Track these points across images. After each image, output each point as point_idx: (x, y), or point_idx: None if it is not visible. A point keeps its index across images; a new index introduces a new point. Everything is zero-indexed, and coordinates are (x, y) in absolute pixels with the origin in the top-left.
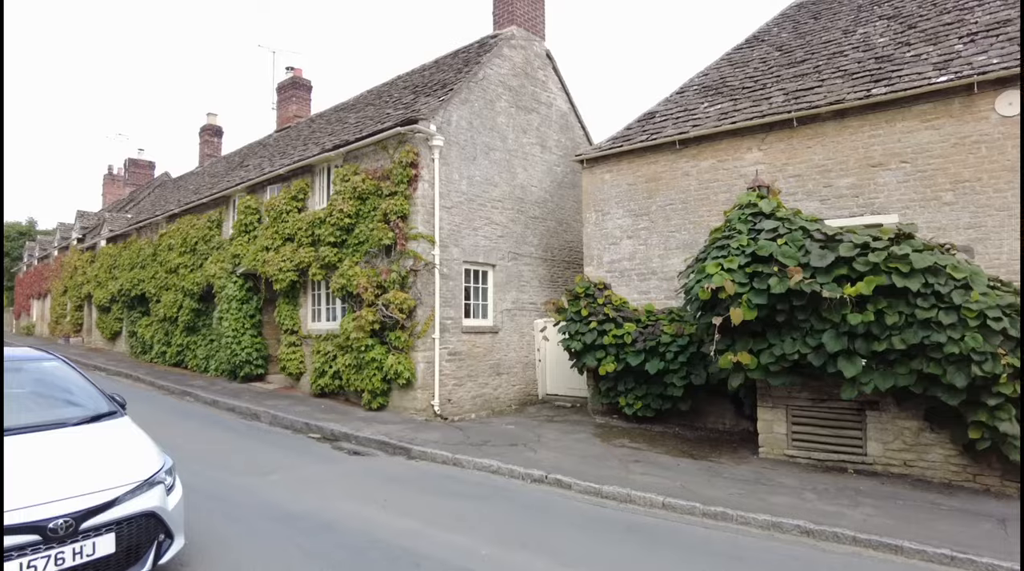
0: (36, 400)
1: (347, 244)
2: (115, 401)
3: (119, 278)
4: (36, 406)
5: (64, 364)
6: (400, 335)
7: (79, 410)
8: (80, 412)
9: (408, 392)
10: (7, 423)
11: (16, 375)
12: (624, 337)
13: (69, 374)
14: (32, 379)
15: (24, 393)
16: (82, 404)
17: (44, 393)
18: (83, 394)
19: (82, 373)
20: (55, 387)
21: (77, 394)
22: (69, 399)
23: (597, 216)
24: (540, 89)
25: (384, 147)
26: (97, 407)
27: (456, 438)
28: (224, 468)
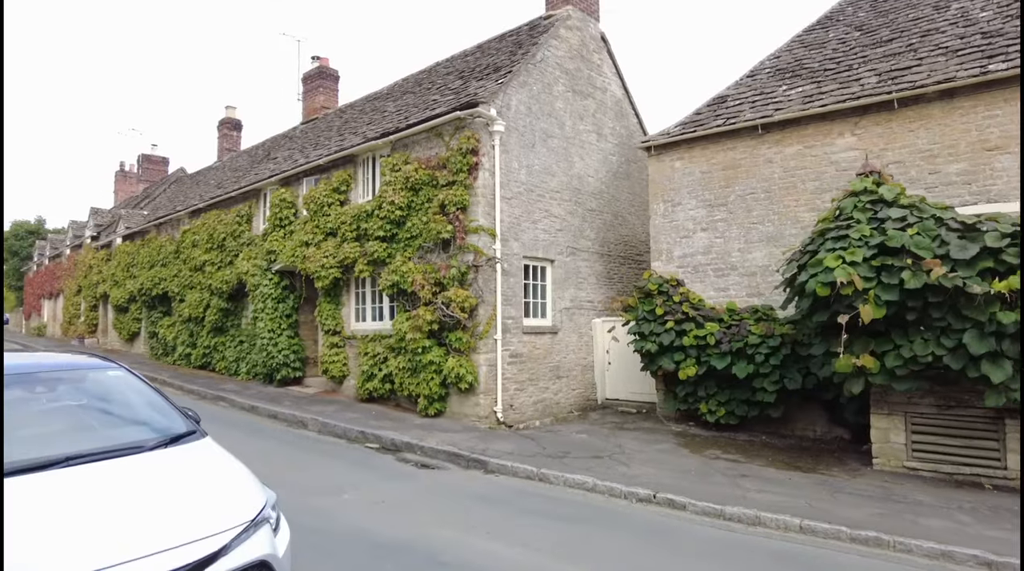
0: (102, 418)
1: (397, 238)
2: (189, 417)
3: (138, 277)
4: (103, 426)
5: (129, 373)
6: (461, 336)
7: (154, 430)
8: (155, 432)
9: (469, 397)
10: (71, 449)
11: (76, 387)
12: (707, 338)
13: (136, 385)
14: (95, 392)
15: (87, 410)
16: (155, 422)
17: (110, 409)
18: (155, 410)
19: (150, 384)
20: (122, 402)
21: (148, 410)
22: (140, 416)
23: (666, 207)
24: (595, 73)
25: (438, 134)
26: (172, 425)
27: (530, 449)
28: (286, 486)
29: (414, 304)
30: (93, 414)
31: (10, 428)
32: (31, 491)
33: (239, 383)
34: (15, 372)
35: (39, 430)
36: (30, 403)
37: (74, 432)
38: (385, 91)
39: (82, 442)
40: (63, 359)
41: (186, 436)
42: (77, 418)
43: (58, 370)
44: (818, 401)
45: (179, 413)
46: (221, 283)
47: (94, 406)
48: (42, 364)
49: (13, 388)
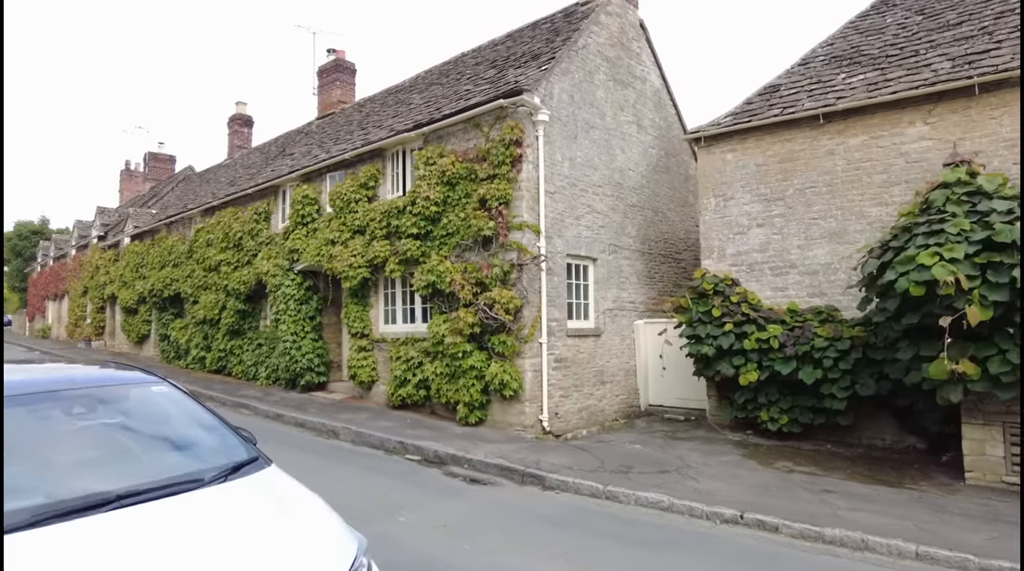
0: (151, 444)
1: (432, 236)
2: (246, 439)
3: (148, 277)
4: (153, 453)
5: (175, 389)
6: (505, 340)
7: (211, 457)
8: (213, 460)
9: (513, 405)
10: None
11: (119, 407)
12: (770, 341)
13: (185, 403)
14: (140, 412)
15: (132, 433)
16: (212, 447)
17: (159, 432)
18: (209, 432)
19: (199, 401)
20: (172, 423)
21: (202, 432)
22: (193, 440)
23: (717, 202)
24: (635, 62)
25: (477, 125)
26: (232, 450)
27: (587, 462)
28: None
29: (452, 306)
30: (140, 438)
31: (46, 455)
32: (79, 541)
33: (259, 388)
34: (48, 388)
35: (79, 458)
36: (67, 425)
37: (121, 461)
38: (407, 84)
39: (132, 474)
40: (101, 373)
41: (249, 464)
42: (122, 443)
43: (97, 386)
44: (888, 408)
45: (236, 435)
46: (238, 284)
47: (140, 429)
48: (78, 378)
49: (46, 406)
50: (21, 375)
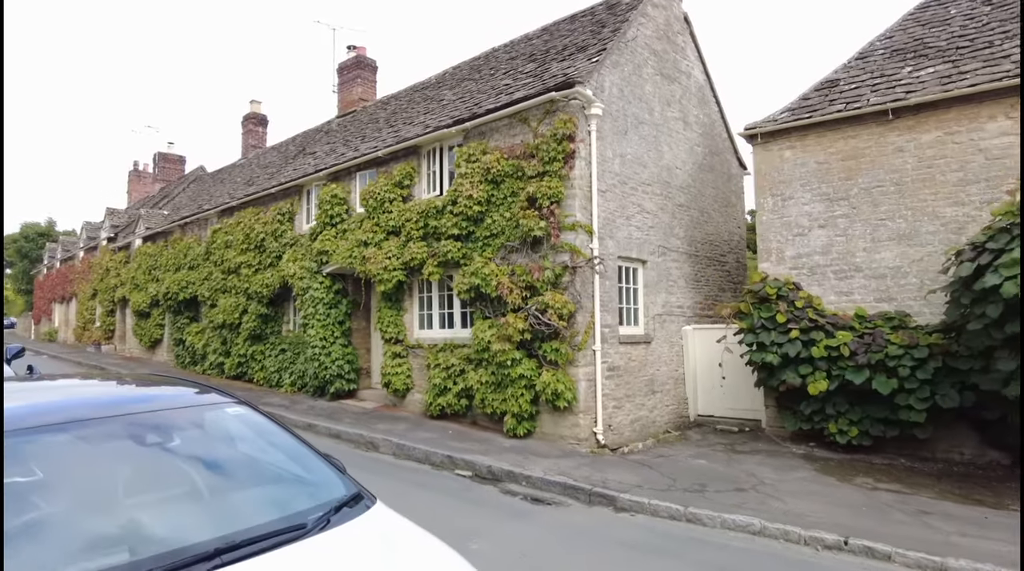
0: (236, 480)
1: (474, 237)
2: (339, 469)
3: (162, 280)
4: (242, 490)
5: (253, 412)
6: (559, 347)
7: (308, 494)
8: (312, 499)
9: (565, 417)
10: (205, 534)
11: (193, 435)
12: (840, 349)
13: (267, 427)
14: (219, 439)
15: (215, 466)
16: (305, 481)
17: (244, 465)
18: (299, 462)
19: (283, 425)
20: (256, 452)
21: (290, 464)
22: (283, 473)
23: (775, 201)
24: (680, 56)
25: (524, 119)
26: (328, 485)
27: (655, 480)
28: None
29: (497, 310)
30: (224, 472)
31: (119, 495)
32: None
33: (284, 396)
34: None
35: (159, 497)
36: (138, 457)
37: (208, 502)
38: (434, 80)
39: (223, 519)
40: (167, 393)
41: (352, 502)
42: (205, 479)
43: (166, 409)
44: (966, 421)
45: (328, 464)
46: (261, 287)
47: (222, 460)
48: (140, 399)
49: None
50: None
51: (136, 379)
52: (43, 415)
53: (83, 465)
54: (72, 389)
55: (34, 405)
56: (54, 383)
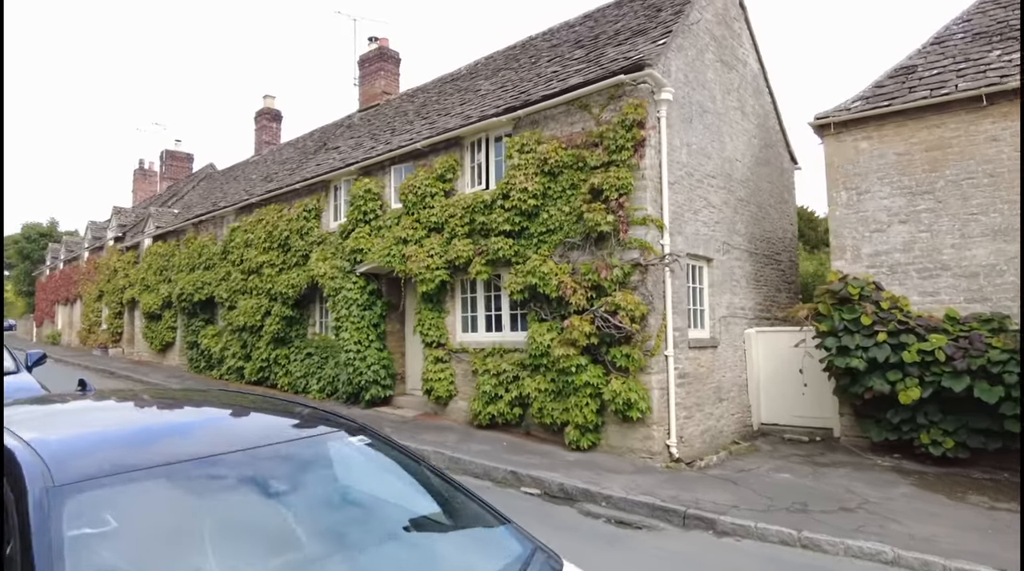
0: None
1: (528, 233)
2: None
3: (175, 281)
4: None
5: (380, 439)
6: (630, 352)
7: (475, 551)
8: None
9: (635, 428)
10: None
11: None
12: (935, 353)
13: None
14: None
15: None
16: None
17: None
18: (452, 505)
19: (416, 456)
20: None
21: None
22: (437, 521)
23: (849, 195)
24: (737, 43)
25: (584, 106)
26: (498, 539)
27: (750, 499)
28: None
29: (555, 312)
30: (368, 522)
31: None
32: None
33: (313, 403)
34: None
35: (304, 557)
36: (265, 505)
37: (364, 565)
38: (464, 71)
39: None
40: (272, 422)
41: (534, 562)
42: (352, 532)
43: (282, 442)
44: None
45: (487, 508)
46: (286, 287)
47: (362, 506)
48: (243, 430)
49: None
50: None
51: (211, 399)
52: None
53: (207, 514)
54: (149, 415)
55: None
56: (122, 405)
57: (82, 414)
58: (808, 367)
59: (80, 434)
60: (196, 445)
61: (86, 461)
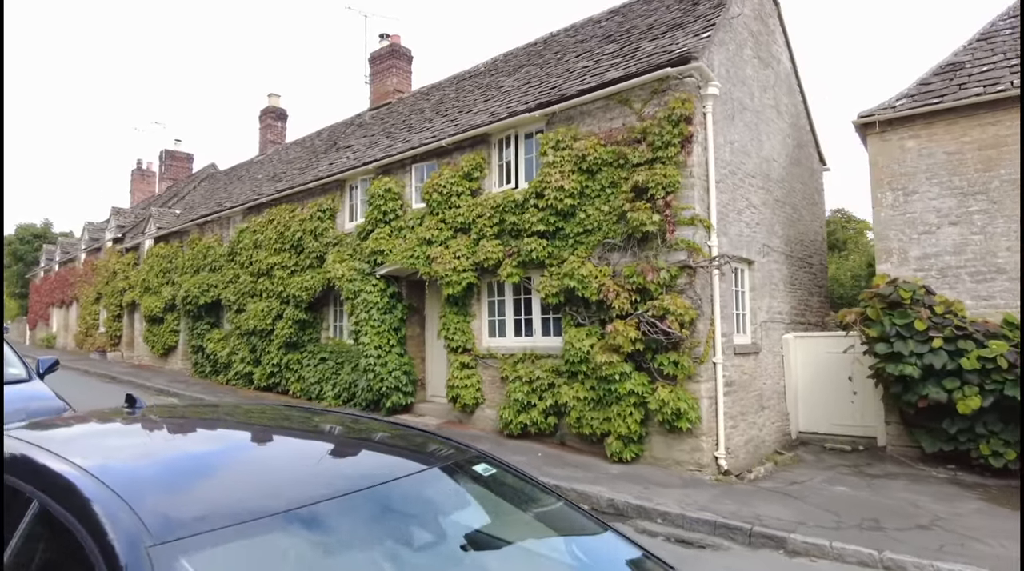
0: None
1: (563, 233)
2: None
3: (179, 283)
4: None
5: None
6: (678, 359)
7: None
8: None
9: (682, 439)
10: None
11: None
12: (997, 360)
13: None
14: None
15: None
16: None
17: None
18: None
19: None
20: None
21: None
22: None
23: (895, 196)
24: (771, 40)
25: (624, 101)
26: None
27: (814, 515)
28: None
29: (594, 317)
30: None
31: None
32: None
33: (355, 412)
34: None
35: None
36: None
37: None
38: (482, 68)
39: None
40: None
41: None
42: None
43: (411, 474)
44: None
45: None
46: (300, 290)
47: (522, 558)
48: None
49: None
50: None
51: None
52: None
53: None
54: (235, 442)
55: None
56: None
57: (150, 440)
58: (847, 374)
59: (165, 468)
60: (311, 484)
61: (189, 508)
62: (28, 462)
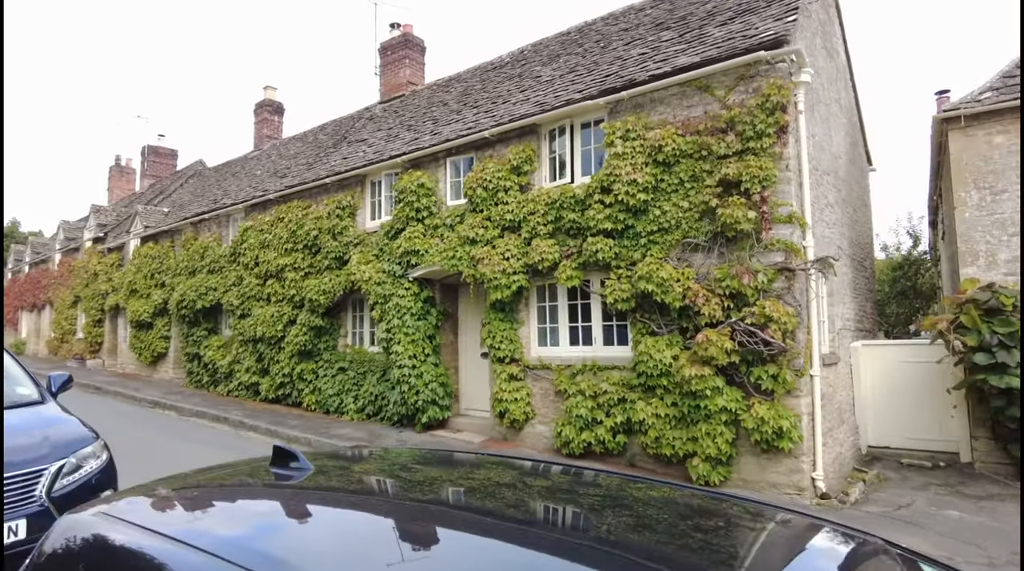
0: None
1: (633, 232)
2: None
3: (172, 285)
4: None
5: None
6: (778, 372)
7: None
8: None
9: (778, 460)
10: None
11: None
12: None
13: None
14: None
15: None
16: None
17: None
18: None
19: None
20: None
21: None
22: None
23: (982, 196)
24: (832, 31)
25: (704, 87)
26: None
27: (958, 549)
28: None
29: (672, 324)
30: None
31: None
32: None
33: (355, 426)
34: None
35: None
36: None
37: None
38: (508, 59)
39: None
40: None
41: None
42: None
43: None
44: None
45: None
46: (317, 294)
47: None
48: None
49: None
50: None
51: (590, 485)
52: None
53: None
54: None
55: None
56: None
57: (368, 548)
58: (918, 384)
59: None
60: None
61: None
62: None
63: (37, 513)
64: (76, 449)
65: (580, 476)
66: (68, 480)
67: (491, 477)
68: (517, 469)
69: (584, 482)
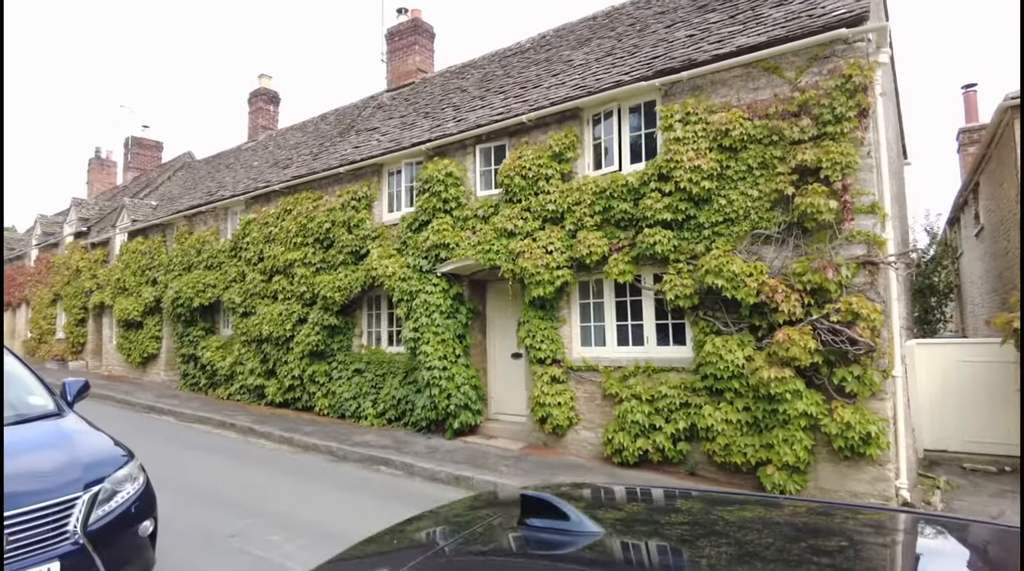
0: None
1: (694, 223)
2: None
3: (166, 283)
4: None
5: None
6: (863, 373)
7: None
8: None
9: (860, 467)
10: None
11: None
12: None
13: None
14: None
15: None
16: None
17: None
18: None
19: None
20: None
21: None
22: None
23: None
24: (880, 15)
25: (773, 68)
26: None
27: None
28: None
29: (741, 322)
30: None
31: None
32: None
33: (377, 432)
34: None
35: None
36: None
37: None
38: (528, 45)
39: None
40: None
41: None
42: None
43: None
44: None
45: None
46: (332, 290)
47: None
48: None
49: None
50: None
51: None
52: None
53: None
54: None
55: None
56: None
57: None
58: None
59: None
60: None
61: None
62: None
63: (71, 552)
64: (110, 472)
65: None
66: (104, 509)
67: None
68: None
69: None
